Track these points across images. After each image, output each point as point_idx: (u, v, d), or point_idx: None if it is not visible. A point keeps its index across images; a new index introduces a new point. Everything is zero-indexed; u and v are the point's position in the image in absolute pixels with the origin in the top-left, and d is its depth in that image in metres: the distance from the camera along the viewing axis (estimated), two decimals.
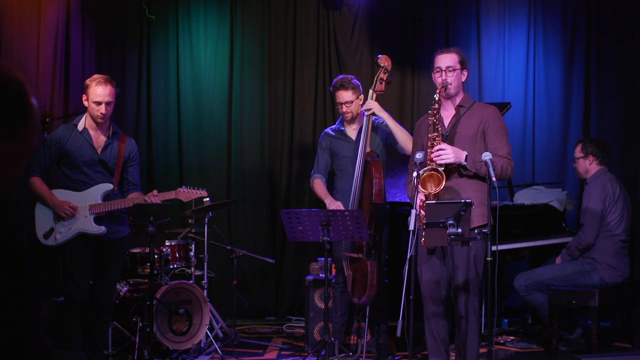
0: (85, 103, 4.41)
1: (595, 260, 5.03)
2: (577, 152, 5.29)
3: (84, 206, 4.41)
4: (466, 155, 4.00)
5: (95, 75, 4.47)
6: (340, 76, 5.20)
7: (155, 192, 4.48)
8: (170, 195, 4.56)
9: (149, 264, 4.45)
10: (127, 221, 4.58)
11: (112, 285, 4.62)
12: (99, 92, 4.33)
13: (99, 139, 4.45)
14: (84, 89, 4.42)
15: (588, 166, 5.23)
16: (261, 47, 6.80)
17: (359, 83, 5.10)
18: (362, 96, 5.08)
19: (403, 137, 4.88)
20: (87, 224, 4.41)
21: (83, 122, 4.46)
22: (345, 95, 5.01)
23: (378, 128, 5.01)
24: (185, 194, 4.65)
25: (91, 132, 4.45)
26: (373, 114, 4.85)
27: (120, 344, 5.08)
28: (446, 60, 4.18)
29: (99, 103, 4.33)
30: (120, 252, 4.58)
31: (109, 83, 4.37)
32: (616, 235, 5.05)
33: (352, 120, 5.08)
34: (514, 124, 6.51)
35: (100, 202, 4.43)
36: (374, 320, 4.98)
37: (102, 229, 4.42)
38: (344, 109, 5.05)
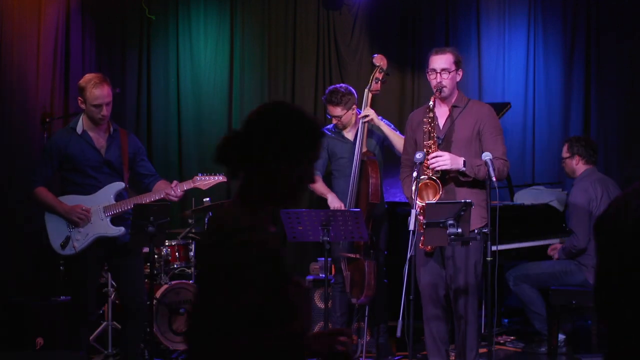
0: (83, 106, 4.20)
1: (580, 263, 5.05)
2: (564, 152, 5.30)
3: (98, 209, 4.20)
4: (464, 161, 3.99)
5: (88, 76, 4.25)
6: (332, 87, 5.12)
7: (175, 182, 4.35)
8: (188, 184, 4.40)
9: (149, 264, 4.44)
10: (129, 223, 4.35)
11: (143, 284, 4.44)
12: (97, 94, 4.13)
13: (100, 140, 4.25)
14: (79, 91, 4.20)
15: (575, 166, 5.23)
16: (261, 47, 6.80)
17: (352, 92, 5.04)
18: (354, 106, 5.05)
19: (400, 143, 4.86)
20: (104, 227, 4.20)
21: (81, 125, 4.24)
22: (333, 111, 5.00)
23: (374, 129, 5.01)
24: (203, 182, 4.50)
25: (91, 134, 4.23)
26: (371, 120, 4.85)
27: (120, 343, 5.08)
28: (441, 62, 4.13)
29: (98, 106, 4.14)
30: (138, 252, 4.41)
31: (105, 83, 4.18)
32: None
33: (345, 128, 5.09)
34: (514, 124, 6.51)
35: (114, 202, 4.23)
36: (374, 320, 4.98)
37: (121, 229, 4.23)
38: (334, 121, 5.06)
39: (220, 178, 4.51)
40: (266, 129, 1.91)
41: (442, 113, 4.19)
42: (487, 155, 3.93)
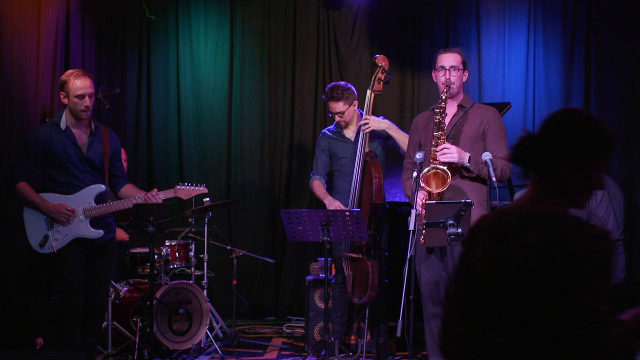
0: (65, 100, 4.21)
1: None
2: None
3: (78, 210, 4.22)
4: (469, 157, 4.01)
5: (70, 70, 4.28)
6: (332, 84, 5.14)
7: (155, 190, 4.37)
8: (169, 193, 4.43)
9: (149, 264, 4.44)
10: (112, 220, 4.43)
11: (107, 287, 4.54)
12: (79, 84, 4.15)
13: (82, 137, 4.25)
14: (61, 86, 4.23)
15: None
16: (261, 47, 6.80)
17: (352, 89, 5.05)
18: (356, 102, 5.05)
19: (406, 142, 4.86)
20: (83, 229, 4.23)
21: (64, 121, 4.24)
22: (336, 107, 5.00)
23: (377, 131, 5.00)
24: (185, 191, 4.52)
25: (73, 131, 4.23)
26: (370, 130, 4.84)
27: (120, 344, 5.09)
28: (450, 59, 4.20)
29: (81, 96, 4.14)
30: (111, 253, 4.47)
31: (86, 75, 4.21)
32: None
33: (347, 126, 5.09)
34: (514, 124, 6.50)
35: (94, 204, 4.25)
36: (374, 320, 4.98)
37: (100, 232, 4.27)
38: (337, 118, 5.05)
39: (201, 189, 4.57)
40: (562, 134, 1.99)
41: (449, 112, 4.21)
42: (487, 155, 3.94)
